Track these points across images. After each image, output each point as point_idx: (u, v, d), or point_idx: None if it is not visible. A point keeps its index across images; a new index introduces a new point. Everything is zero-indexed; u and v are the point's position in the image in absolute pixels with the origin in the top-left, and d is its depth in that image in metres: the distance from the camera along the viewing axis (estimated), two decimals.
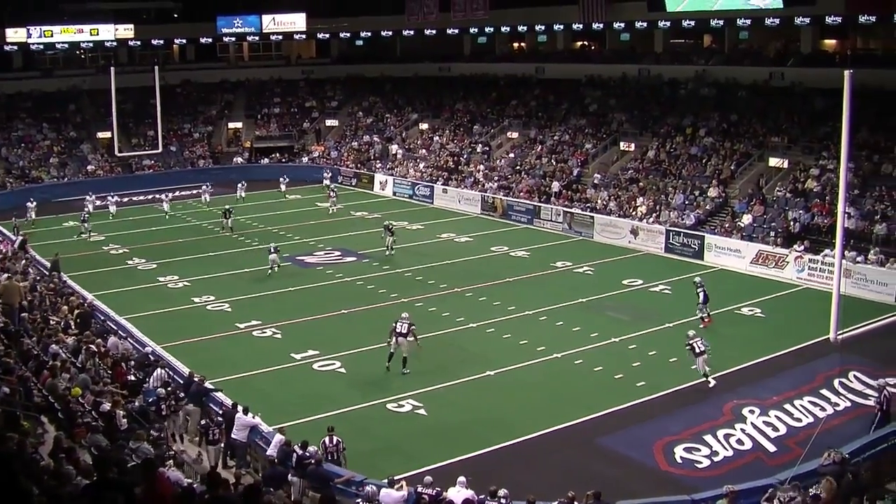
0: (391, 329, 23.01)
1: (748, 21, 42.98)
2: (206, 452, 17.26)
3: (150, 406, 17.94)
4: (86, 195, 44.67)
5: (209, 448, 17.52)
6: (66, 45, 57.64)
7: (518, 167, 47.31)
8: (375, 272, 33.05)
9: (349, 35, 61.57)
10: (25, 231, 37.56)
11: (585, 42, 58.59)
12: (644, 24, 47.16)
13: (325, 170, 54.17)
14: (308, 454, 16.10)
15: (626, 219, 38.43)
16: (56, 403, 15.26)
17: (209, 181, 50.15)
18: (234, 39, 62.46)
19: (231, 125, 62.04)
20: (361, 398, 21.23)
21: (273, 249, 32.88)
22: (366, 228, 41.07)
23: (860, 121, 32.87)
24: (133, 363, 20.65)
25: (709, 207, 37.54)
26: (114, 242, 38.42)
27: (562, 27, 51.98)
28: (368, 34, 60.58)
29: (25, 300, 22.97)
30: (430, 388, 21.80)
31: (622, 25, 48.29)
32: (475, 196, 45.70)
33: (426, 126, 57.60)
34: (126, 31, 57.87)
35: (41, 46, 57.01)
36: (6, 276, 24.30)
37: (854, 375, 21.91)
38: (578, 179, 44.18)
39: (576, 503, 14.48)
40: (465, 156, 51.24)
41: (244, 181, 49.12)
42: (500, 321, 26.90)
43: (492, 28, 55.56)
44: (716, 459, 18.30)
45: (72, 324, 22.85)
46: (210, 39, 61.59)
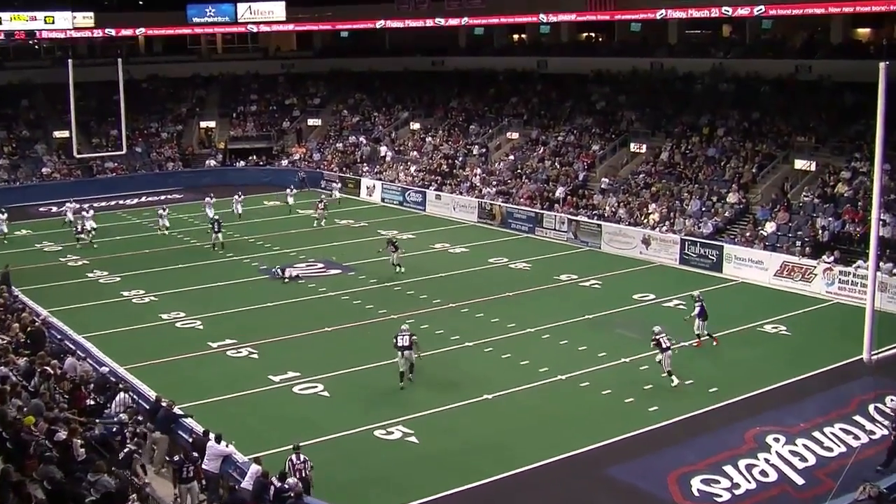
0: (395, 345, 23.50)
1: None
2: (180, 495, 17.01)
3: (112, 434, 17.78)
4: (66, 201, 44.32)
5: (181, 487, 17.23)
6: (18, 34, 57.18)
7: (518, 171, 47.35)
8: (362, 286, 32.97)
9: (333, 25, 61.62)
10: None
11: (592, 33, 58.75)
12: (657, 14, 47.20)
13: (300, 172, 54.17)
14: (287, 486, 15.99)
15: (637, 227, 38.44)
16: (5, 432, 15.10)
17: (210, 192, 46.87)
18: (207, 29, 62.52)
19: (203, 124, 62.04)
20: (347, 424, 21.12)
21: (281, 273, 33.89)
22: (352, 238, 41.02)
23: None
24: (92, 386, 20.50)
25: (728, 215, 37.57)
26: (72, 253, 38.32)
27: (566, 17, 52.00)
28: (354, 25, 60.63)
29: None
30: (423, 413, 21.69)
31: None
32: (471, 203, 45.70)
33: (418, 126, 57.65)
34: (85, 20, 57.09)
35: None
36: None
37: (891, 400, 21.85)
38: (584, 184, 44.21)
39: None
40: (461, 158, 51.28)
41: (241, 192, 47.09)
42: (499, 340, 26.83)
43: (489, 18, 55.55)
44: (737, 493, 18.20)
45: (23, 343, 22.68)
46: (179, 29, 61.68)
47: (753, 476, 18.77)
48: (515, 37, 63.07)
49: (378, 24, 58.32)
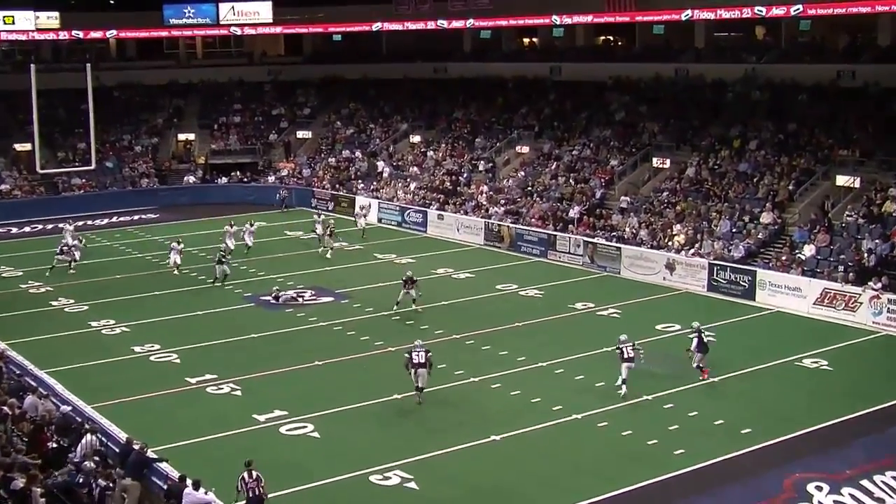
0: (407, 361, 24.60)
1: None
2: None
3: (77, 483, 17.67)
4: (65, 222, 44.15)
5: None
6: None
7: (529, 188, 47.40)
8: (357, 315, 32.92)
9: (325, 28, 61.93)
10: None
11: (610, 36, 58.99)
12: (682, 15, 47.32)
13: (281, 190, 54.21)
14: None
15: (661, 251, 38.41)
16: None
17: (238, 221, 44.45)
18: (185, 32, 62.76)
19: (181, 136, 62.27)
20: (339, 468, 21.01)
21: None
22: (345, 262, 40.99)
23: None
24: (55, 427, 20.41)
25: (761, 236, 37.55)
26: (34, 279, 38.28)
27: (582, 18, 52.20)
28: (348, 27, 60.90)
29: None
30: (423, 457, 21.57)
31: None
32: (477, 223, 45.73)
33: (418, 139, 57.78)
34: (50, 20, 56.78)
35: None
36: None
37: None
38: (602, 203, 44.24)
39: None
40: (465, 175, 51.37)
41: (252, 223, 44.44)
42: (508, 374, 26.76)
43: (497, 20, 55.72)
44: None
45: None
46: (155, 32, 61.79)
47: None
48: (526, 40, 63.34)
49: (374, 27, 58.61)
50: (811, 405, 24.58)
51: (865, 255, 33.93)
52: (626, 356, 25.20)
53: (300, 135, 62.43)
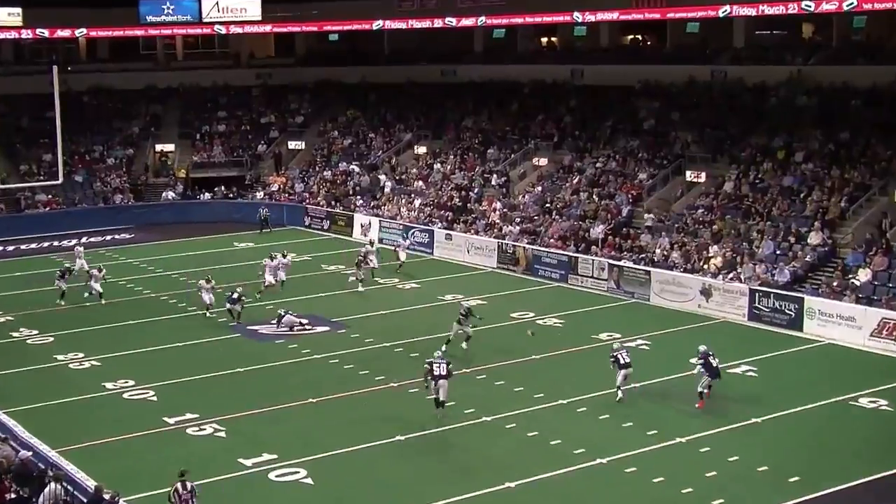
0: (426, 371, 26.17)
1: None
2: None
3: None
4: (75, 244, 44.21)
5: None
6: None
7: (548, 205, 47.40)
8: (356, 346, 32.85)
9: (320, 27, 62.09)
10: None
11: (639, 35, 59.10)
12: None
13: (261, 209, 54.17)
14: None
15: (695, 275, 38.33)
16: None
17: (273, 252, 42.23)
18: (164, 31, 62.87)
19: (159, 147, 62.45)
20: None
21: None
22: (343, 287, 40.94)
23: None
24: (13, 475, 20.31)
25: (809, 259, 37.46)
26: None
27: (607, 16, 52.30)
28: (345, 25, 61.07)
29: None
30: None
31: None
32: (489, 244, 45.71)
33: (423, 150, 57.87)
34: (11, 17, 56.69)
35: None
36: None
37: None
38: (629, 221, 44.19)
39: None
40: (476, 190, 51.40)
41: (284, 254, 41.98)
42: (524, 413, 26.67)
43: (512, 17, 55.83)
44: None
45: None
46: (130, 30, 61.90)
47: None
48: (544, 40, 63.54)
49: (375, 25, 58.80)
50: (869, 451, 24.37)
51: None
52: (623, 362, 27.31)
53: (292, 145, 62.57)
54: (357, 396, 28.15)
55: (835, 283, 35.41)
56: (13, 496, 19.24)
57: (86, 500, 19.80)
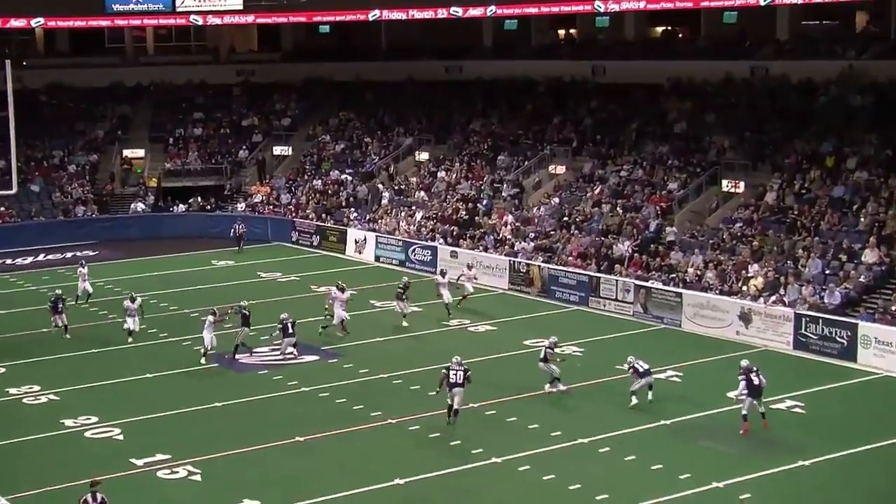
0: (442, 377, 28.14)
1: None
2: None
3: None
4: (78, 265, 43.94)
5: None
6: None
7: (565, 219, 47.42)
8: (348, 378, 32.82)
9: (309, 17, 62.19)
10: None
11: (669, 27, 59.15)
12: None
13: (236, 224, 53.99)
14: None
15: (733, 297, 38.28)
16: None
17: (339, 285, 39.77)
18: (133, 21, 62.95)
19: (127, 153, 62.53)
20: None
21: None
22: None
23: None
24: None
25: (863, 280, 37.41)
26: None
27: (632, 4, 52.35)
28: (338, 16, 61.08)
29: None
30: None
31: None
32: (500, 263, 45.71)
33: (426, 156, 57.94)
34: None
35: None
36: None
37: None
38: (658, 237, 44.17)
39: None
40: (485, 201, 51.43)
41: (343, 286, 39.12)
42: (539, 454, 26.61)
43: (525, 7, 55.81)
44: None
45: None
46: (94, 20, 61.81)
47: None
48: (561, 32, 63.65)
49: (371, 16, 58.79)
50: None
51: None
52: (642, 369, 29.39)
53: (277, 151, 62.67)
54: (350, 434, 28.05)
55: (893, 308, 35.37)
56: None
57: None
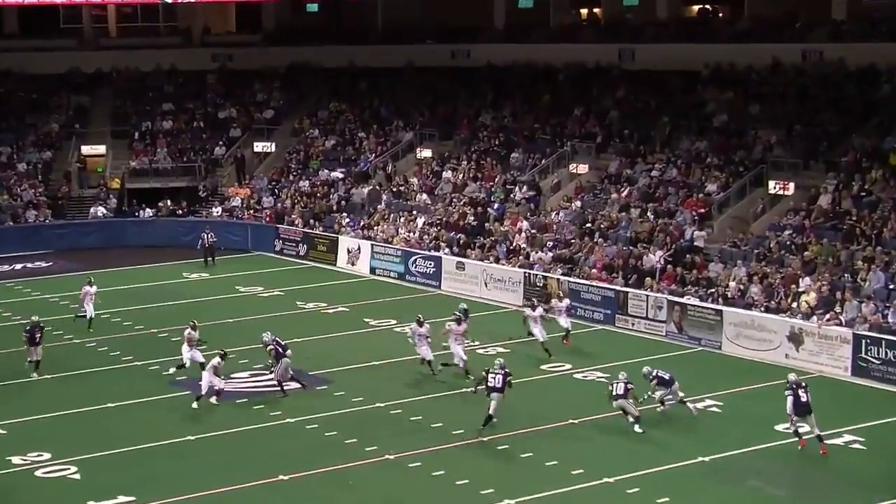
0: (480, 380, 30.38)
1: None
2: None
3: None
4: (85, 284, 43.31)
5: None
6: None
7: (588, 225, 47.39)
8: (339, 407, 32.80)
9: None
10: None
11: (707, 5, 59.10)
12: None
13: (204, 233, 53.68)
14: None
15: (781, 315, 38.25)
16: None
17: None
18: None
19: (86, 150, 62.47)
20: None
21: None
22: (322, 331, 40.94)
23: None
24: None
25: None
26: None
27: None
28: None
29: None
30: None
31: None
32: (513, 275, 45.70)
33: (428, 153, 57.96)
34: None
35: None
36: None
37: None
38: (694, 246, 44.09)
39: None
40: (497, 205, 51.39)
41: (422, 320, 36.51)
42: (559, 495, 26.60)
43: None
44: None
45: None
46: None
47: None
48: (584, 12, 63.71)
49: None
50: None
51: None
52: (667, 378, 31.36)
53: (259, 147, 62.69)
54: (341, 472, 28.02)
55: None
56: None
57: None
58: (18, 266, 51.97)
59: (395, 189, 56.12)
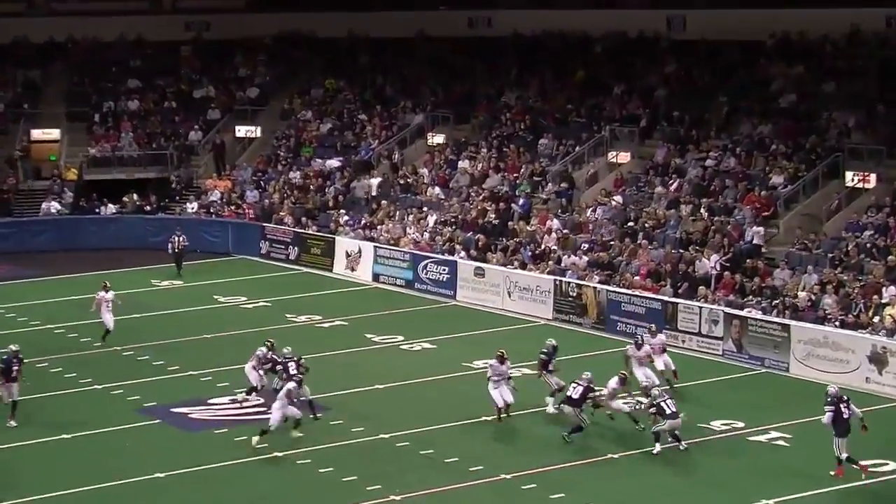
0: (556, 389, 33.15)
1: None
2: None
3: None
4: (99, 290, 43.03)
5: None
6: None
7: (631, 224, 47.36)
8: (337, 438, 32.78)
9: None
10: None
11: None
12: None
13: (175, 234, 53.26)
14: None
15: (861, 332, 38.17)
16: None
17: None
18: None
19: (37, 134, 62.50)
20: None
21: None
22: (317, 348, 40.91)
23: None
24: None
25: None
26: None
27: None
28: None
29: None
30: None
31: None
32: (542, 283, 45.67)
33: (441, 139, 57.99)
34: None
35: None
36: None
37: None
38: (756, 249, 44.01)
39: None
40: (522, 201, 51.36)
41: (502, 357, 35.25)
42: None
43: None
44: None
45: None
46: None
47: None
48: None
49: None
50: None
51: None
52: (669, 411, 30.96)
53: (241, 132, 62.78)
54: None
55: None
56: None
57: None
58: None
59: (403, 181, 56.11)
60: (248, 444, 32.40)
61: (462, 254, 49.12)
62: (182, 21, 67.13)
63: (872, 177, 44.87)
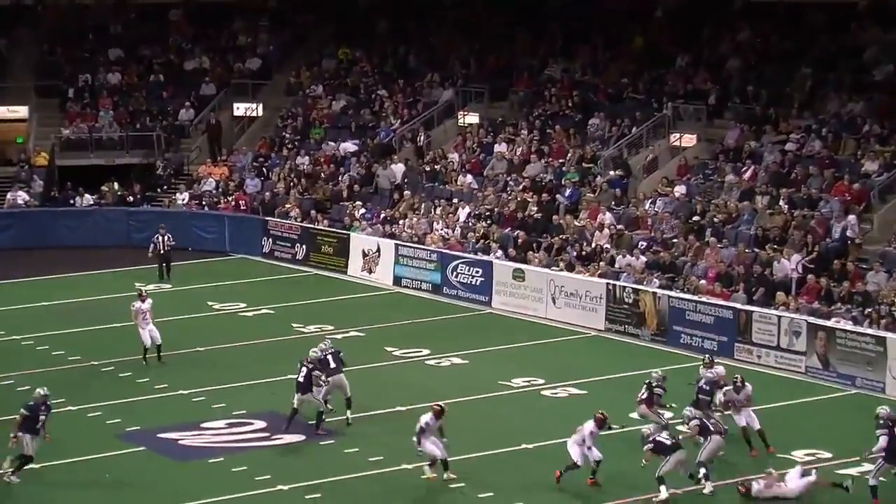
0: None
1: None
2: None
3: None
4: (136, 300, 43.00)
5: None
6: None
7: (697, 218, 47.26)
8: (350, 469, 32.83)
9: None
10: None
11: None
12: None
13: (160, 233, 53.00)
14: None
15: None
16: None
17: None
18: None
19: (2, 111, 62.76)
20: None
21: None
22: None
23: None
24: None
25: None
26: None
27: None
28: None
29: None
30: None
31: None
32: (593, 287, 45.66)
33: (475, 119, 58.03)
34: None
35: None
36: None
37: None
38: (846, 249, 43.91)
39: None
40: (569, 191, 51.36)
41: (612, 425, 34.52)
42: None
43: None
44: None
45: None
46: None
47: None
48: None
49: None
50: None
51: None
52: (668, 443, 30.73)
53: (240, 110, 62.94)
54: None
55: None
56: None
57: None
58: None
59: (429, 168, 56.15)
60: (247, 476, 32.48)
61: (499, 253, 49.14)
62: None
63: None
